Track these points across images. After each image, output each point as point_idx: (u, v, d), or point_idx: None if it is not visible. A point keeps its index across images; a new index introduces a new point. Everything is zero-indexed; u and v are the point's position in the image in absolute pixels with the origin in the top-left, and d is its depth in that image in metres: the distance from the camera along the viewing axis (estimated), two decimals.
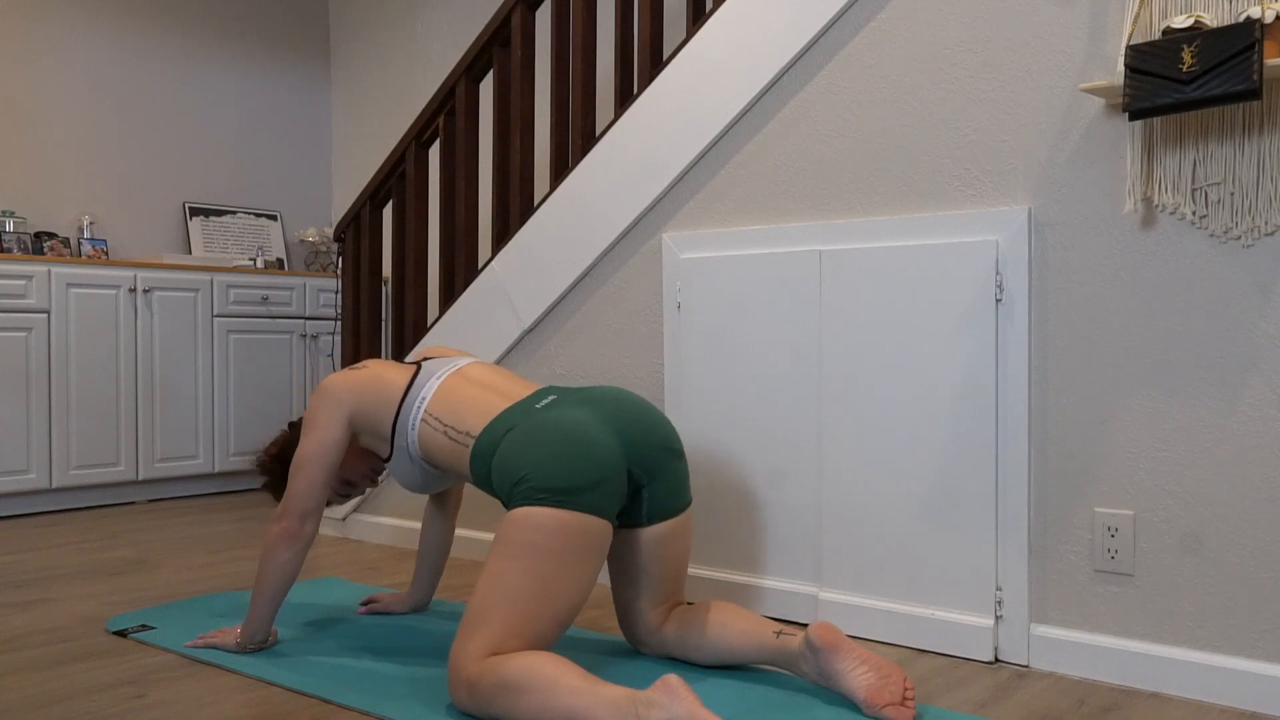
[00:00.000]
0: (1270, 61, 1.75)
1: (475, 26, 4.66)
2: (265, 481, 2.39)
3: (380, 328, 3.66)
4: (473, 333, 3.16)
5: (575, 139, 2.95)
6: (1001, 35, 2.16)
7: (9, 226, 4.17)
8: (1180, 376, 1.95)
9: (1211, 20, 1.87)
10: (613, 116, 3.04)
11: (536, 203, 3.15)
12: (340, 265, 3.68)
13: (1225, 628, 1.90)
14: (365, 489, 2.36)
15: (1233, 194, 1.90)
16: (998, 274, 2.14)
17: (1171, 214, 1.97)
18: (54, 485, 3.97)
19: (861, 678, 1.77)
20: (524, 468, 1.82)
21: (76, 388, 4.02)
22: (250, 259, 4.92)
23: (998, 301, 2.14)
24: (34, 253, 4.19)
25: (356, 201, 3.57)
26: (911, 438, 2.24)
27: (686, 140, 2.65)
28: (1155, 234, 1.98)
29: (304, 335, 4.78)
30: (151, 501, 4.31)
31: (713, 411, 2.57)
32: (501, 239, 3.13)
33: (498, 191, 3.17)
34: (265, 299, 4.62)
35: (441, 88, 3.28)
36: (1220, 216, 1.91)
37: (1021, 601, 2.11)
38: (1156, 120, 1.97)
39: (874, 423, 2.30)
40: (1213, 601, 1.92)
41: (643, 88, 2.76)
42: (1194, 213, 1.93)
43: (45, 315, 3.94)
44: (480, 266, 3.18)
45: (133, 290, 4.19)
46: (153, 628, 2.34)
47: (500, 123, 3.17)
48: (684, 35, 2.88)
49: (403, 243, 3.48)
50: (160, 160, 4.81)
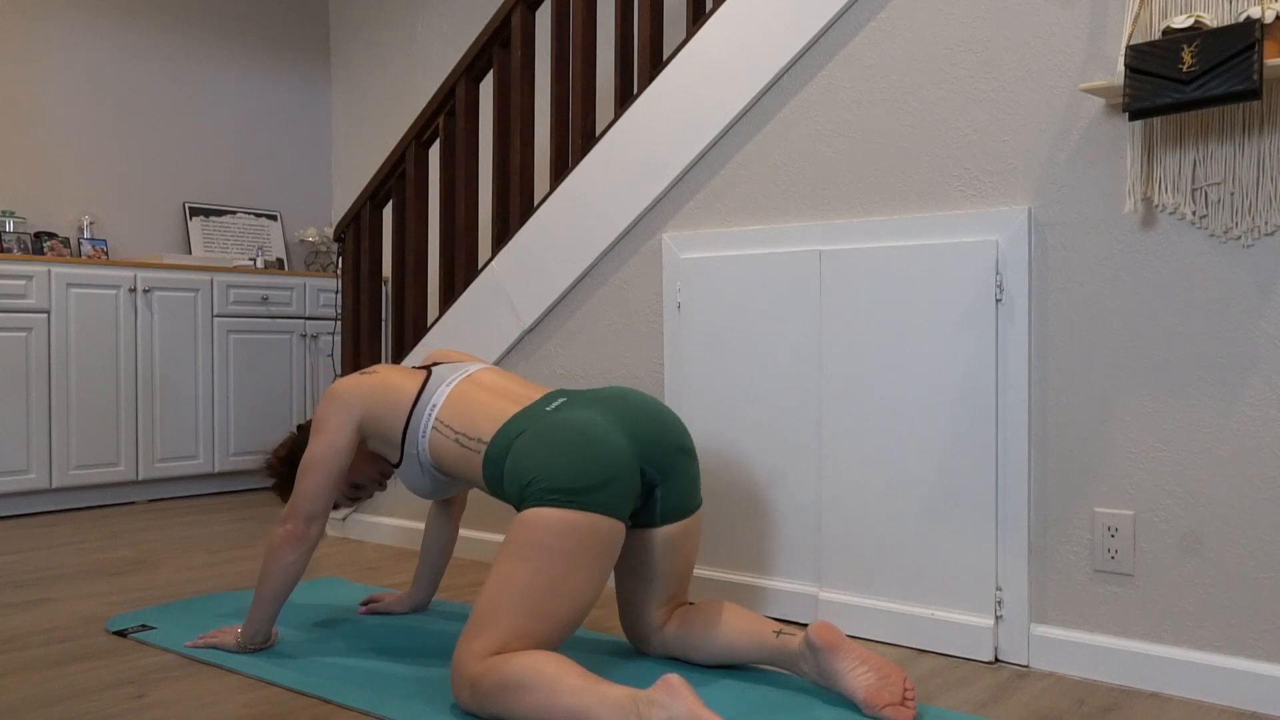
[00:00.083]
0: (1270, 61, 1.75)
1: (475, 26, 4.66)
2: (274, 483, 2.41)
3: (380, 328, 3.66)
4: (473, 333, 3.15)
5: (575, 139, 2.95)
6: (1001, 35, 2.16)
7: (9, 226, 4.17)
8: (1180, 376, 1.95)
9: (1211, 20, 1.87)
10: (613, 116, 3.04)
11: (536, 203, 3.15)
12: (340, 265, 3.68)
13: (1225, 628, 1.90)
14: (373, 492, 2.36)
15: (1233, 194, 1.90)
16: (998, 274, 2.14)
17: (1171, 214, 1.97)
18: (54, 485, 3.97)
19: (861, 678, 1.77)
20: (533, 469, 1.82)
21: (76, 388, 4.01)
22: (250, 259, 4.92)
23: (998, 301, 2.14)
24: (34, 253, 4.19)
25: (356, 201, 3.57)
26: (911, 438, 2.24)
27: (686, 140, 2.65)
28: (1155, 234, 1.98)
29: (304, 335, 4.78)
30: (151, 501, 4.31)
31: (713, 411, 2.57)
32: (501, 239, 3.13)
33: (498, 191, 3.17)
34: (265, 299, 4.62)
35: (441, 88, 3.28)
36: (1220, 216, 1.91)
37: (1021, 601, 2.11)
38: (1156, 120, 1.97)
39: (874, 423, 2.30)
40: (1213, 601, 1.92)
41: (643, 88, 2.76)
42: (1194, 213, 1.93)
43: (45, 315, 3.94)
44: (480, 266, 3.18)
45: (133, 290, 4.19)
46: (153, 628, 2.34)
47: (500, 123, 3.17)
48: (684, 35, 2.88)
49: (403, 243, 3.48)
50: (160, 160, 4.81)
